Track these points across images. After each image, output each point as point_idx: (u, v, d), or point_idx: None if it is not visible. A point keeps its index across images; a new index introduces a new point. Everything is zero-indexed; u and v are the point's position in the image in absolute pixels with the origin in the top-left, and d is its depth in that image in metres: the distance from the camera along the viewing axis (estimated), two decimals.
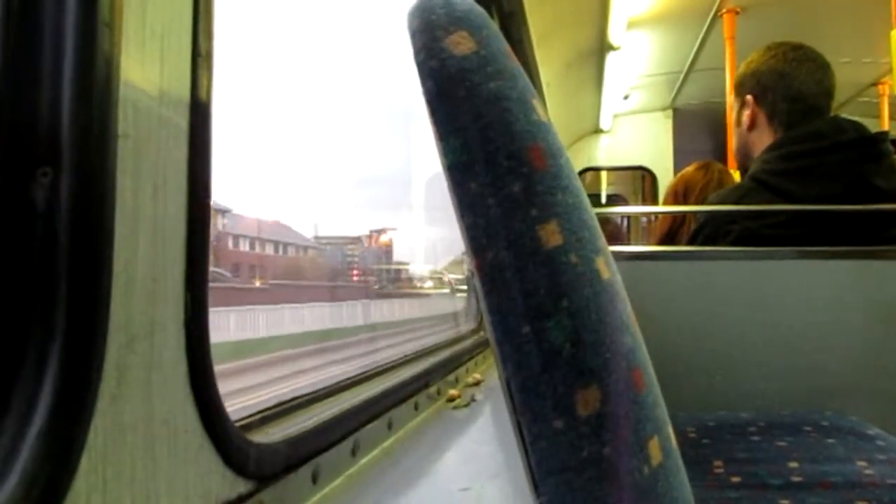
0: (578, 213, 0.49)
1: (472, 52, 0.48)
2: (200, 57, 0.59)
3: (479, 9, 0.52)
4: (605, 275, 0.49)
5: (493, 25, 0.52)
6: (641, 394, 0.49)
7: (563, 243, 0.47)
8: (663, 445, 0.50)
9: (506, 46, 0.52)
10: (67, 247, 0.45)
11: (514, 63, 0.52)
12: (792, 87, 1.99)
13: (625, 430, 0.47)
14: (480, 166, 0.47)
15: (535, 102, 0.51)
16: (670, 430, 0.53)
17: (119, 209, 0.49)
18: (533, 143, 0.48)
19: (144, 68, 0.53)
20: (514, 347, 0.46)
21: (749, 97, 2.06)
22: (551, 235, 0.47)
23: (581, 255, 0.48)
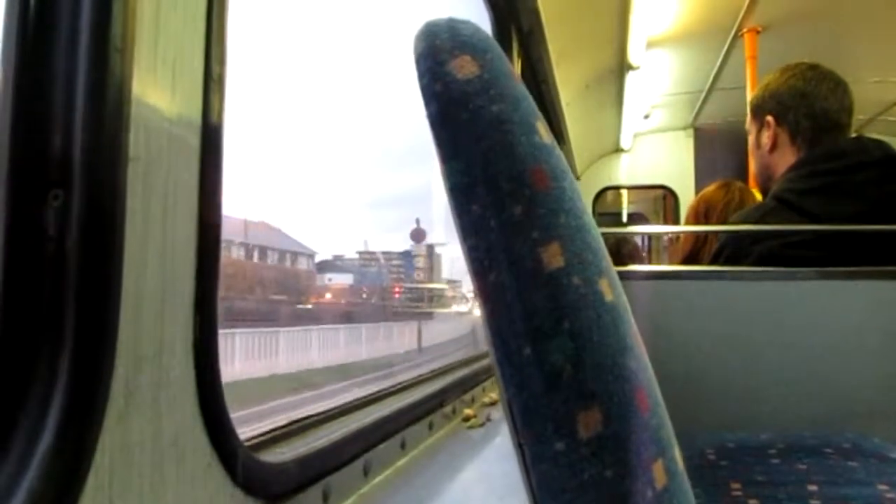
0: (581, 236, 0.49)
1: (476, 76, 0.49)
2: (212, 81, 0.60)
3: (484, 32, 0.53)
4: (609, 297, 0.49)
5: (498, 48, 0.53)
6: (645, 416, 0.49)
7: (565, 265, 0.47)
8: (668, 468, 0.50)
9: (510, 69, 0.52)
10: (77, 268, 0.46)
11: (519, 86, 0.52)
12: (814, 105, 1.97)
13: (627, 453, 0.46)
14: (482, 188, 0.47)
15: (539, 125, 0.51)
16: (676, 452, 0.53)
17: (129, 231, 0.50)
18: (535, 166, 0.48)
19: (156, 93, 0.54)
20: (515, 369, 0.46)
21: (769, 118, 2.05)
22: (553, 257, 0.47)
23: (583, 277, 0.48)
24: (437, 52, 0.50)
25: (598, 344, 0.47)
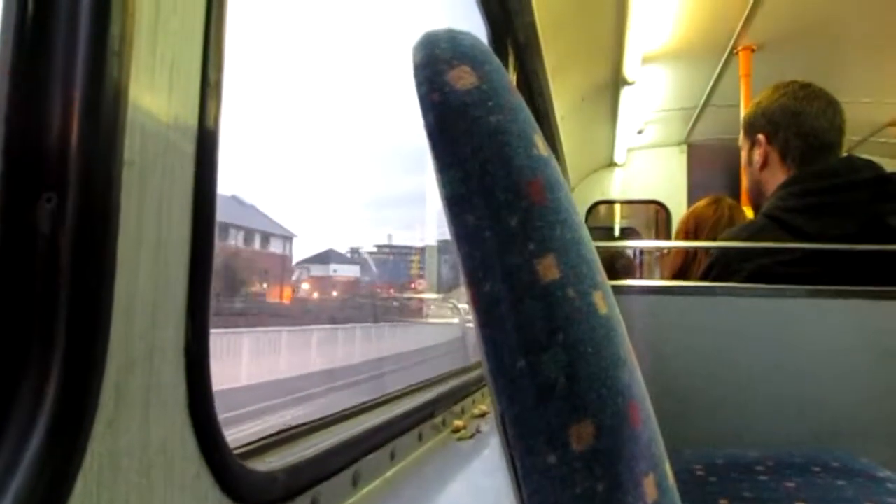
0: (577, 248, 0.49)
1: (474, 87, 0.49)
2: (209, 86, 0.60)
3: (483, 44, 0.53)
4: (603, 310, 0.49)
5: (496, 60, 0.53)
6: (637, 430, 0.49)
7: (560, 277, 0.47)
8: (659, 483, 0.50)
9: (508, 81, 0.53)
10: (69, 271, 0.46)
11: (517, 98, 0.52)
12: (804, 124, 1.99)
13: (619, 467, 0.46)
14: (479, 199, 0.47)
15: (536, 137, 0.51)
16: (667, 468, 0.53)
17: (122, 234, 0.49)
18: (532, 178, 0.48)
19: (153, 97, 0.54)
20: (508, 380, 0.46)
21: (760, 136, 2.06)
22: (548, 269, 0.47)
23: (578, 290, 0.48)
24: (436, 62, 0.50)
25: (591, 357, 0.47)
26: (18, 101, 0.46)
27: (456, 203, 0.48)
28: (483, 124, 0.48)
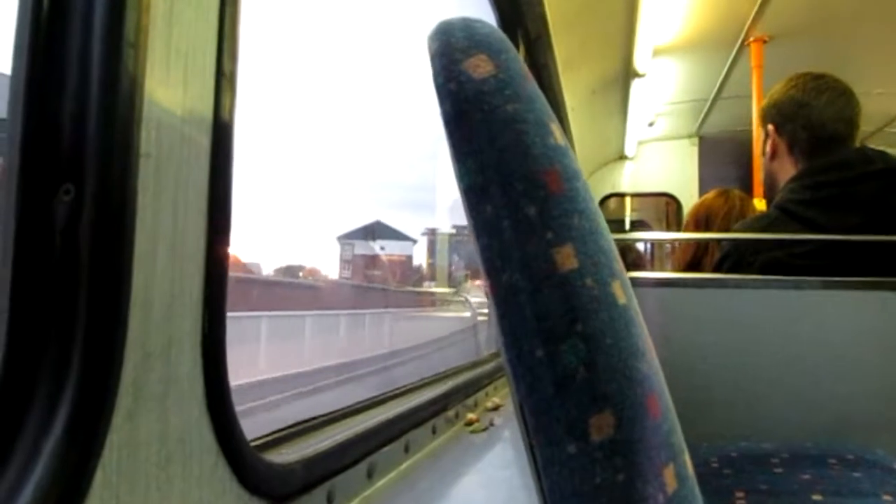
0: (594, 238, 0.49)
1: (491, 76, 0.49)
2: (224, 78, 0.60)
3: (499, 32, 0.53)
4: (621, 300, 0.49)
5: (513, 49, 0.52)
6: (657, 420, 0.48)
7: (579, 267, 0.47)
8: (679, 473, 0.49)
9: (525, 70, 0.52)
10: (87, 263, 0.46)
11: (533, 86, 0.52)
12: (811, 117, 1.98)
13: (639, 457, 0.46)
14: (496, 189, 0.47)
15: (553, 126, 0.51)
16: (686, 458, 0.52)
17: (139, 227, 0.49)
18: (549, 167, 0.48)
19: (168, 88, 0.54)
20: (527, 370, 0.46)
21: (770, 127, 2.06)
22: (566, 259, 0.46)
23: (596, 279, 0.47)
24: (453, 50, 0.49)
25: (610, 347, 0.46)
26: (36, 94, 0.46)
27: (473, 193, 0.48)
28: (500, 113, 0.48)
